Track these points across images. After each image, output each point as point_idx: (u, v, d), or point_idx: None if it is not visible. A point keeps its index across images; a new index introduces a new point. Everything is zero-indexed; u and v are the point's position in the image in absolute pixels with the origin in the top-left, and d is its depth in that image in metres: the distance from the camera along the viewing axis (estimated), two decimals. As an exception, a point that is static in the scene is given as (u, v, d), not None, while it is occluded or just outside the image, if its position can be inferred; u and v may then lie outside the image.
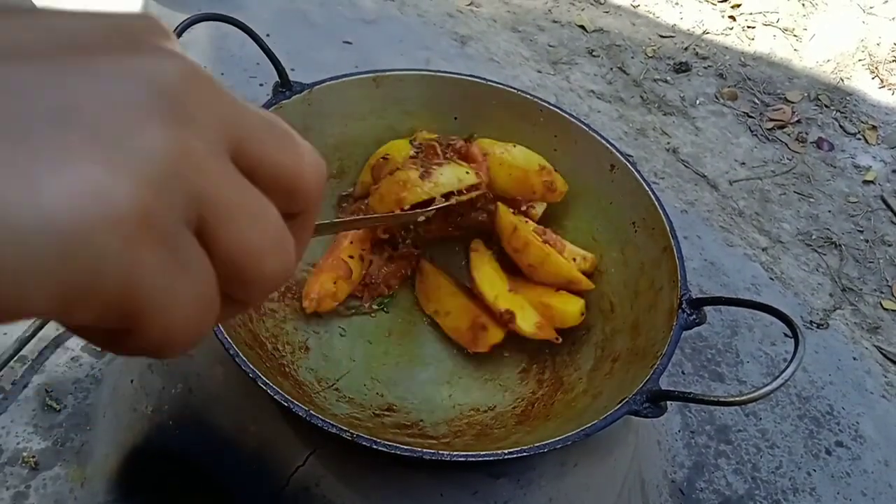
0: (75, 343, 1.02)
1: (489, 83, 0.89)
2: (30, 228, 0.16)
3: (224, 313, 0.22)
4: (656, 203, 0.79)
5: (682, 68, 1.93)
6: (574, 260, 0.85)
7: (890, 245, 1.56)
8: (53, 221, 0.16)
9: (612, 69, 1.90)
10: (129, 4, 1.69)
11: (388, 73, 0.88)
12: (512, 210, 0.85)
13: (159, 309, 0.19)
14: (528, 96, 0.89)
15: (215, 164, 0.20)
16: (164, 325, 0.19)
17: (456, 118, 0.93)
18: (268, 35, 0.80)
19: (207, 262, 0.20)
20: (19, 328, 0.98)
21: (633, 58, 1.94)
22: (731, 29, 2.10)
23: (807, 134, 1.80)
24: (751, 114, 1.83)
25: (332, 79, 0.85)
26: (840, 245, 1.54)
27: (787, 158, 1.73)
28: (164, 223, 0.18)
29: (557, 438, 0.59)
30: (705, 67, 1.96)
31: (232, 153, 0.21)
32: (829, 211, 1.62)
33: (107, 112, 0.18)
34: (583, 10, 2.08)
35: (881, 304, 1.43)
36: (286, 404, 0.57)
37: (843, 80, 1.96)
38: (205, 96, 0.21)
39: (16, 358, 0.99)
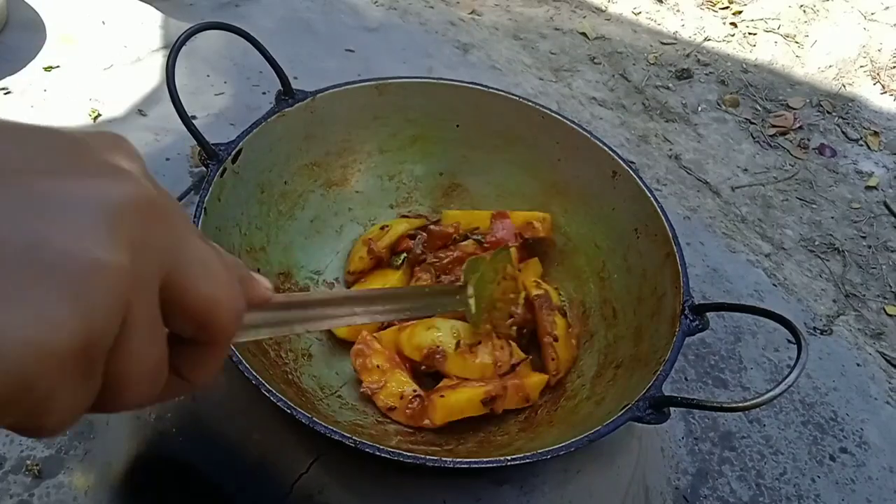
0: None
1: (491, 91, 0.90)
2: None
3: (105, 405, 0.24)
4: (658, 209, 0.79)
5: (683, 75, 1.93)
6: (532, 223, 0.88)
7: (893, 251, 1.56)
8: (6, 352, 0.18)
9: (613, 76, 1.90)
10: (136, 11, 1.70)
11: (390, 81, 0.88)
12: None
13: (58, 421, 0.21)
14: (530, 104, 0.89)
15: (142, 297, 0.22)
16: (51, 432, 0.22)
17: (458, 126, 0.93)
18: (271, 44, 0.80)
19: (99, 383, 0.22)
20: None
21: (634, 65, 1.95)
22: (733, 36, 2.10)
23: (809, 140, 1.80)
24: (753, 120, 1.84)
25: (334, 87, 0.85)
26: (843, 251, 1.54)
27: (790, 164, 1.73)
28: (90, 353, 0.20)
29: (560, 445, 0.59)
30: (707, 74, 1.96)
31: (162, 280, 0.23)
32: (832, 217, 1.61)
33: (62, 243, 0.20)
34: (584, 17, 2.09)
35: (885, 310, 1.43)
36: (289, 411, 0.57)
37: (844, 87, 1.96)
38: (151, 225, 0.22)
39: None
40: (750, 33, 2.11)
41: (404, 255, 0.88)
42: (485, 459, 0.59)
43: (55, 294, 0.19)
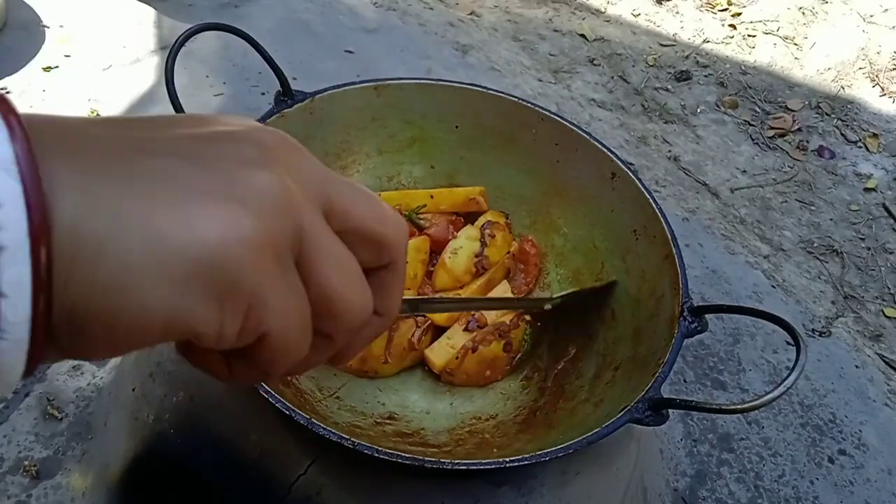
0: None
1: (490, 92, 0.90)
2: (191, 251, 0.21)
3: (312, 351, 0.26)
4: (657, 211, 0.79)
5: (682, 77, 1.94)
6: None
7: (891, 253, 1.56)
8: (206, 244, 0.21)
9: (612, 78, 1.90)
10: (134, 12, 1.70)
11: (389, 82, 0.88)
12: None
13: (278, 318, 0.23)
14: (530, 105, 0.89)
15: (312, 209, 0.24)
16: (280, 337, 0.24)
17: (457, 127, 0.93)
18: (270, 45, 0.80)
19: (304, 289, 0.24)
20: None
21: (633, 66, 1.95)
22: (732, 38, 2.10)
23: (808, 142, 1.80)
24: (752, 122, 1.84)
25: (333, 88, 0.85)
26: (842, 253, 1.54)
27: (789, 166, 1.73)
28: (278, 247, 0.23)
29: (559, 447, 0.59)
30: (706, 76, 1.96)
31: (325, 207, 0.25)
32: (831, 219, 1.62)
33: (231, 165, 0.23)
34: (584, 19, 2.09)
35: (883, 312, 1.43)
36: (287, 412, 0.57)
37: (843, 89, 1.96)
38: (301, 160, 0.25)
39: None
40: (749, 35, 2.12)
41: None
42: (483, 461, 0.59)
43: (231, 201, 0.22)
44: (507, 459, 0.58)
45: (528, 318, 0.85)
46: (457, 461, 0.58)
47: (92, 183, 0.20)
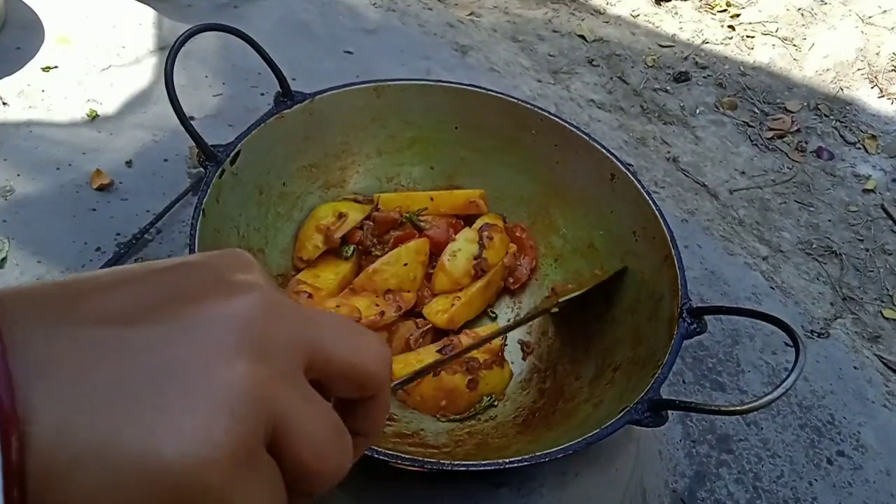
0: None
1: (490, 93, 0.90)
2: (153, 472, 0.20)
3: None
4: (657, 212, 0.79)
5: (681, 78, 1.94)
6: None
7: (890, 254, 1.56)
8: (169, 465, 0.20)
9: (612, 79, 1.90)
10: (134, 12, 1.70)
11: (389, 83, 0.88)
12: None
13: None
14: (529, 106, 0.89)
15: (290, 387, 0.24)
16: None
17: (456, 127, 0.93)
18: (269, 45, 0.80)
19: (278, 469, 0.24)
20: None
21: (633, 67, 1.95)
22: (731, 38, 2.10)
23: (806, 143, 1.80)
24: (750, 123, 1.84)
25: (333, 88, 0.85)
26: (840, 254, 1.54)
27: (787, 167, 1.73)
28: (249, 450, 0.22)
29: (558, 448, 0.59)
30: (705, 77, 1.96)
31: (306, 362, 0.25)
32: (830, 220, 1.62)
33: (200, 361, 0.22)
34: (583, 20, 2.09)
35: (882, 314, 1.43)
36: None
37: (842, 90, 1.96)
38: (282, 323, 0.24)
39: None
40: (748, 36, 2.12)
41: (354, 246, 0.87)
42: (482, 462, 0.59)
43: (192, 410, 0.21)
44: (507, 460, 0.58)
45: (510, 368, 0.83)
46: (456, 462, 0.58)
47: (65, 400, 0.20)
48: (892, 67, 1.99)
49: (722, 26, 2.15)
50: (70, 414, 0.20)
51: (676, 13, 2.18)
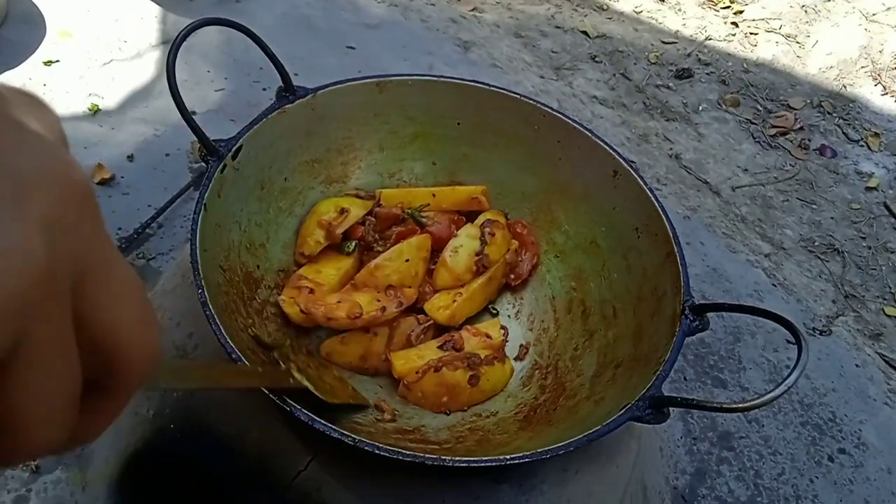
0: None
1: (492, 88, 0.89)
2: None
3: None
4: (659, 209, 0.79)
5: (684, 74, 1.93)
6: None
7: (892, 252, 1.56)
8: None
9: (614, 75, 1.90)
10: (135, 6, 1.70)
11: (391, 79, 0.88)
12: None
13: None
14: (531, 102, 0.89)
15: (53, 301, 0.18)
16: None
17: (458, 123, 0.93)
18: (271, 40, 0.80)
19: None
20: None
21: (635, 64, 1.95)
22: (734, 35, 2.10)
23: (809, 140, 1.80)
24: (753, 120, 1.83)
25: (335, 83, 0.85)
26: (843, 251, 1.54)
27: (790, 165, 1.73)
28: None
29: (560, 444, 0.59)
30: (708, 74, 1.96)
31: (74, 288, 0.19)
32: (832, 217, 1.61)
33: None
34: (586, 16, 2.09)
35: (884, 311, 1.43)
36: (288, 409, 0.57)
37: (845, 87, 1.96)
38: (71, 210, 0.19)
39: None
40: (751, 33, 2.11)
41: (356, 242, 0.87)
42: (484, 458, 0.59)
43: None
44: (508, 457, 0.58)
45: (511, 364, 0.83)
46: (457, 458, 0.58)
47: None
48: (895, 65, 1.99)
49: (725, 23, 2.14)
50: None
51: (680, 10, 2.17)
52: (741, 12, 2.17)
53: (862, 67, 1.99)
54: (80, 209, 0.19)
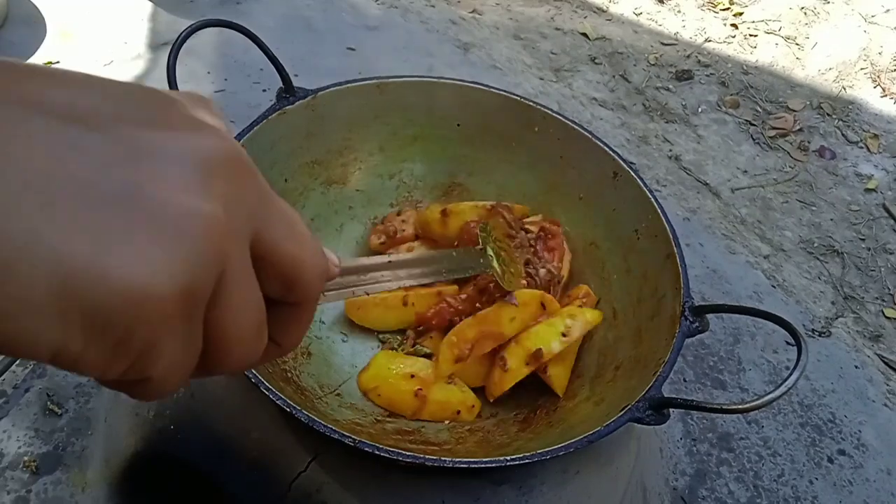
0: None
1: (492, 90, 0.90)
2: (96, 297, 0.19)
3: (189, 376, 0.25)
4: (659, 210, 0.79)
5: (684, 76, 1.93)
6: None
7: (892, 253, 1.56)
8: (115, 293, 0.19)
9: (614, 77, 1.90)
10: (136, 7, 1.70)
11: (391, 80, 0.88)
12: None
13: (165, 369, 0.22)
14: (531, 103, 0.89)
15: (240, 251, 0.23)
16: (160, 383, 0.22)
17: (458, 125, 0.93)
18: (271, 41, 0.80)
19: (200, 339, 0.23)
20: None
21: (635, 65, 1.95)
22: (734, 37, 2.10)
23: (809, 142, 1.80)
24: (753, 122, 1.84)
25: (335, 85, 0.85)
26: (842, 253, 1.54)
27: (789, 166, 1.73)
28: (196, 301, 0.21)
29: (560, 445, 0.59)
30: (707, 75, 1.96)
31: (251, 237, 0.24)
32: (831, 219, 1.62)
33: (163, 192, 0.20)
34: (585, 17, 2.09)
35: (883, 313, 1.43)
36: (288, 410, 0.57)
37: (845, 89, 1.96)
38: (240, 180, 0.23)
39: (17, 362, 0.99)
40: (751, 35, 2.11)
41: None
42: (484, 459, 0.59)
43: (156, 239, 0.19)
44: (508, 458, 0.58)
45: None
46: (457, 459, 0.58)
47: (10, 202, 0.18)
48: (895, 67, 1.99)
49: (724, 25, 2.15)
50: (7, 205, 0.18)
51: (679, 11, 2.18)
52: (741, 14, 2.18)
53: (861, 69, 1.99)
54: (247, 178, 0.23)
